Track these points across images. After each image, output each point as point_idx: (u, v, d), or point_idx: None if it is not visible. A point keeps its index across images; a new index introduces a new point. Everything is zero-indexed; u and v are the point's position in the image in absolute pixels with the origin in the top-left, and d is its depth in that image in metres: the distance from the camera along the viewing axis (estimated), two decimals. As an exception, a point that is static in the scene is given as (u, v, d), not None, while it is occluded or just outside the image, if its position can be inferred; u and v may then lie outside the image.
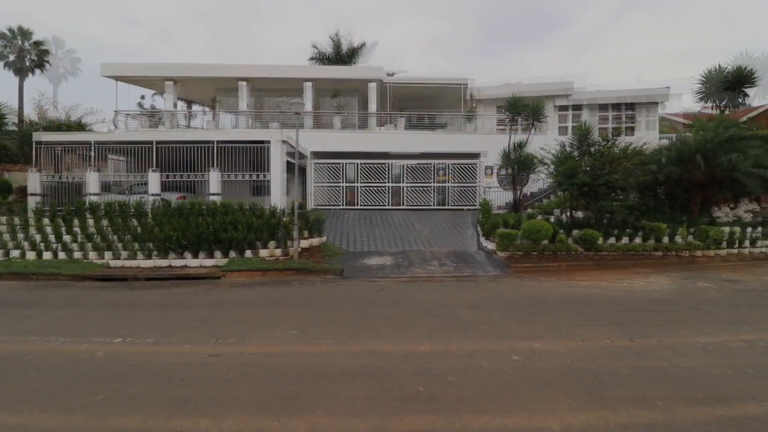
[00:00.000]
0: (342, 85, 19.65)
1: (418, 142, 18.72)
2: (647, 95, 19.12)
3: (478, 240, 13.28)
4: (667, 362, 4.18)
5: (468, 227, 14.86)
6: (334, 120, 19.02)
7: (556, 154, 13.72)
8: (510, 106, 15.84)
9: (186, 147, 13.51)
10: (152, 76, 19.38)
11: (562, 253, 11.77)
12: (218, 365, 4.13)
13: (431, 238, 13.51)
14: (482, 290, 8.12)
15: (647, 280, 9.31)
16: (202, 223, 11.17)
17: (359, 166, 18.63)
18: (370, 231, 14.20)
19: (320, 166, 18.72)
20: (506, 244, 11.55)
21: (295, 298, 7.55)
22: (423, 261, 11.12)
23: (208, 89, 20.81)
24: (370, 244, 12.77)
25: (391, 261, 11.11)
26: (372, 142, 18.65)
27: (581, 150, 13.31)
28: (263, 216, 11.61)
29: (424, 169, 18.73)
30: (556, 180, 12.29)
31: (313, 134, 18.48)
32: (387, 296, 7.56)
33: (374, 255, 11.70)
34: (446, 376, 3.78)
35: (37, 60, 29.79)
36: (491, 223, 12.31)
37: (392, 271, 10.25)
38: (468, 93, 20.13)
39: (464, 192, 18.76)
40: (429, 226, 14.89)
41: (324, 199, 18.76)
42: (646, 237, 12.38)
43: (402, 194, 18.76)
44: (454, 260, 11.22)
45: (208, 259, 10.98)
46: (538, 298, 7.40)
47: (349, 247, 12.50)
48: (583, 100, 19.85)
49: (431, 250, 12.21)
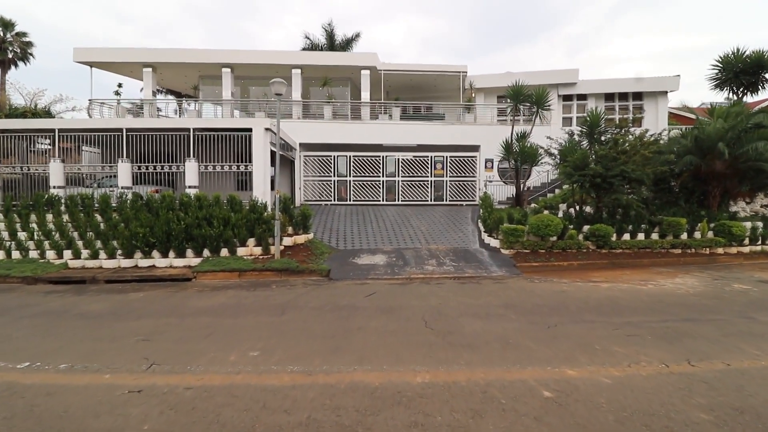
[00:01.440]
0: (333, 72, 18.43)
1: (413, 134, 17.57)
2: (657, 84, 18.07)
3: (480, 236, 12.16)
4: (754, 398, 3.06)
5: (468, 223, 13.74)
6: (324, 110, 17.81)
7: (564, 143, 12.64)
8: (512, 94, 14.71)
9: (161, 136, 12.26)
10: (129, 62, 18.05)
11: (573, 250, 10.69)
12: (135, 407, 2.96)
13: (429, 234, 12.38)
14: (488, 294, 6.99)
15: (673, 280, 8.23)
16: (173, 218, 9.94)
17: (351, 159, 17.46)
18: (362, 227, 13.04)
19: (310, 159, 17.53)
20: (512, 241, 10.43)
21: (269, 304, 6.38)
22: (420, 260, 9.98)
23: (190, 77, 19.50)
24: (362, 242, 11.61)
25: (384, 260, 9.96)
26: (365, 133, 17.48)
27: (591, 139, 12.22)
28: (242, 211, 10.41)
29: (421, 162, 17.61)
30: (564, 172, 11.19)
31: (301, 125, 17.27)
32: (377, 302, 6.41)
33: (366, 253, 10.55)
34: (453, 429, 2.63)
35: (20, 52, 28.36)
36: (495, 218, 11.19)
37: (385, 271, 9.10)
38: (467, 82, 18.98)
39: (463, 186, 17.65)
40: (426, 222, 13.76)
41: (314, 194, 17.58)
42: (663, 233, 11.32)
43: (397, 189, 17.61)
44: (454, 259, 10.09)
45: (178, 258, 9.77)
46: (556, 303, 6.28)
47: (339, 244, 11.33)
48: (588, 90, 18.77)
49: (429, 248, 11.07)
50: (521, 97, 14.65)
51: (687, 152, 11.62)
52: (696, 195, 12.83)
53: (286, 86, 9.57)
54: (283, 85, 9.39)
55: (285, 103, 18.22)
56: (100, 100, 17.74)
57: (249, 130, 12.19)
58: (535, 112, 14.72)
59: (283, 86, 9.40)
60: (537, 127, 15.33)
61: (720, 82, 13.66)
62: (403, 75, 18.83)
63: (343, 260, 9.92)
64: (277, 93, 9.46)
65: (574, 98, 19.12)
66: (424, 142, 17.59)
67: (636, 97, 18.83)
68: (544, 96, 14.30)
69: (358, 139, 17.42)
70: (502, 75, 18.48)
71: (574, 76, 18.29)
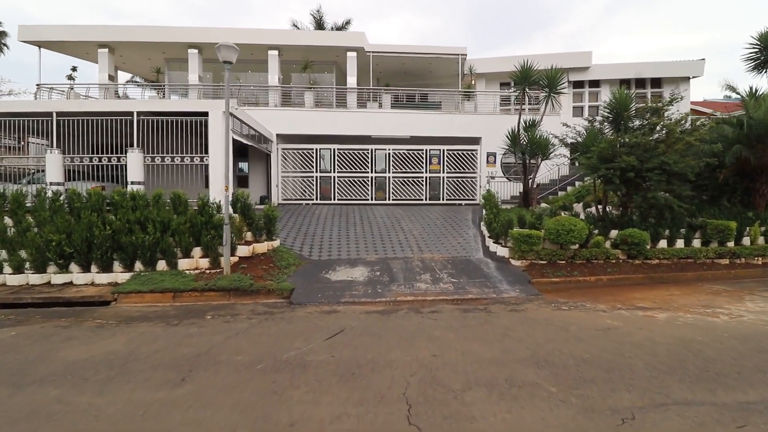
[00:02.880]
0: (315, 54, 16.30)
1: (406, 125, 15.51)
2: (679, 68, 16.11)
3: (484, 243, 10.12)
4: None
5: (469, 226, 11.69)
6: (305, 97, 15.69)
7: (585, 129, 10.63)
8: (520, 77, 12.67)
9: (101, 122, 10.12)
10: (82, 41, 15.82)
11: (599, 261, 8.68)
12: None
13: (422, 240, 10.32)
14: (505, 336, 4.94)
15: (745, 306, 6.22)
16: (97, 222, 7.80)
17: (336, 153, 15.37)
18: (344, 231, 10.95)
19: (289, 153, 15.42)
20: (525, 250, 8.39)
21: (176, 357, 4.27)
22: (410, 274, 7.91)
23: (156, 60, 17.29)
24: (342, 250, 9.53)
25: (365, 274, 7.88)
26: (351, 123, 15.39)
27: (617, 126, 10.21)
28: (187, 212, 8.28)
29: (414, 156, 15.55)
30: (588, 164, 9.17)
31: (279, 114, 15.15)
32: (341, 354, 4.33)
33: (344, 265, 8.47)
34: None
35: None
36: (503, 221, 9.15)
37: (365, 291, 7.02)
38: (466, 67, 16.92)
39: (462, 183, 15.61)
40: (420, 225, 11.69)
41: (294, 192, 15.47)
42: (707, 239, 9.34)
43: (387, 186, 15.54)
44: (453, 272, 8.03)
45: (103, 273, 7.62)
46: (609, 355, 4.24)
47: (313, 253, 9.25)
48: (602, 75, 16.77)
49: (422, 257, 9.01)
50: (530, 79, 12.61)
51: (735, 141, 9.63)
52: (738, 193, 10.86)
53: (236, 51, 7.48)
54: (233, 50, 7.30)
55: (260, 89, 16.10)
56: (48, 85, 15.52)
57: (205, 115, 10.06)
58: (546, 97, 12.69)
59: (233, 52, 7.31)
60: (545, 116, 13.31)
61: (760, 62, 11.69)
62: (395, 58, 16.72)
63: (313, 275, 7.83)
64: (226, 61, 7.37)
65: (586, 85, 17.14)
66: (419, 134, 15.54)
67: (655, 83, 16.88)
68: (557, 78, 12.28)
69: (344, 129, 15.34)
70: (506, 59, 16.44)
71: (586, 60, 16.30)
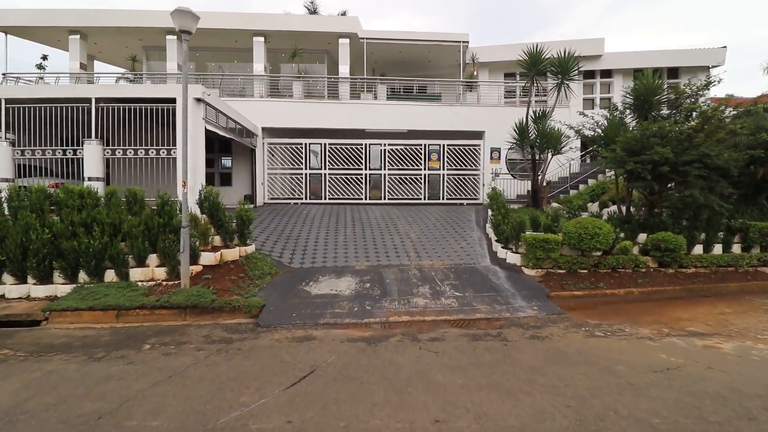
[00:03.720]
0: (305, 42, 15.05)
1: (403, 117, 14.28)
2: (699, 57, 14.91)
3: (490, 248, 8.89)
4: None
5: (472, 228, 10.46)
6: (293, 87, 14.44)
7: (605, 119, 9.42)
8: (528, 64, 11.44)
9: (61, 111, 8.90)
10: (52, 26, 14.54)
11: (627, 269, 7.45)
12: None
13: (421, 244, 9.08)
14: (530, 378, 3.70)
15: (820, 330, 5.00)
16: (35, 224, 6.54)
17: (327, 148, 14.14)
18: (331, 234, 9.71)
19: (275, 148, 14.17)
20: (540, 257, 7.16)
21: (68, 418, 3.01)
22: (406, 286, 6.67)
23: (133, 47, 16.00)
24: (328, 256, 8.28)
25: (353, 287, 6.62)
26: (344, 116, 14.16)
27: (641, 113, 9.00)
28: (143, 213, 7.01)
29: (412, 151, 14.32)
30: (611, 158, 7.94)
31: (265, 105, 13.90)
32: (303, 416, 3.09)
33: (329, 275, 7.22)
34: None
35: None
36: (514, 223, 7.90)
37: (350, 309, 5.77)
38: (468, 55, 15.69)
39: (463, 181, 14.39)
40: (418, 227, 10.46)
41: (281, 190, 14.23)
42: (748, 244, 8.12)
43: (383, 185, 14.31)
44: (457, 284, 6.79)
45: (41, 285, 6.37)
46: (684, 415, 3.01)
47: (294, 260, 7.99)
48: (614, 64, 15.56)
49: (420, 265, 7.77)
50: (540, 65, 11.38)
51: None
52: (776, 191, 9.64)
53: (196, 20, 6.23)
54: (190, 17, 6.05)
55: (245, 79, 14.85)
56: (15, 75, 14.24)
57: (172, 101, 8.81)
58: (557, 85, 11.45)
59: (190, 19, 6.07)
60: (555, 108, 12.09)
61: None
62: (391, 46, 15.47)
63: (290, 287, 6.57)
64: (183, 30, 6.12)
65: (597, 75, 15.92)
66: (417, 128, 14.31)
67: (671, 74, 15.66)
68: (570, 63, 11.04)
69: (336, 122, 14.11)
70: (511, 46, 15.20)
71: (598, 47, 15.07)
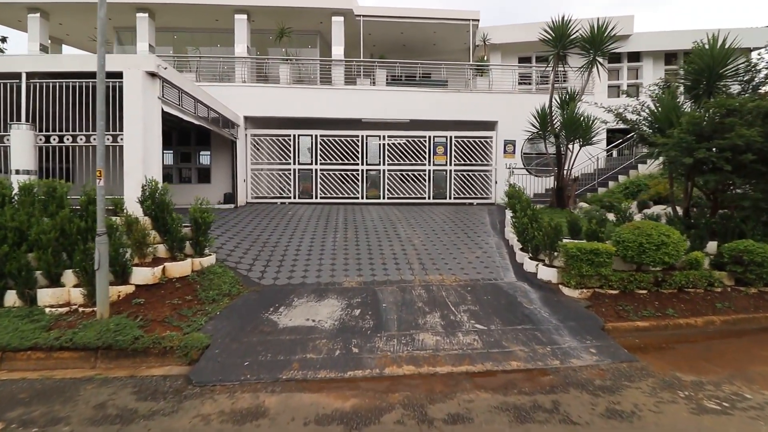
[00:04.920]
0: (294, 20, 13.33)
1: (405, 106, 12.55)
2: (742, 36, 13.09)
3: (513, 257, 7.15)
4: None
5: (488, 233, 8.72)
6: (280, 71, 12.72)
7: (653, 100, 7.70)
8: (554, 38, 9.68)
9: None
10: (8, 3, 12.86)
11: (697, 289, 5.69)
12: None
13: (426, 253, 7.34)
14: None
15: None
16: None
17: (319, 140, 12.43)
18: (319, 241, 7.98)
19: (260, 140, 12.47)
20: (586, 273, 5.40)
21: None
22: (409, 314, 4.93)
23: (103, 30, 14.29)
24: (310, 269, 6.54)
25: (337, 314, 4.88)
26: (338, 103, 12.43)
27: (701, 94, 7.25)
28: (60, 215, 5.27)
29: (415, 144, 12.60)
30: (673, 145, 6.17)
31: (247, 92, 12.19)
32: None
33: (308, 296, 5.48)
34: None
35: None
36: (547, 228, 6.14)
37: (330, 352, 4.02)
38: (478, 36, 13.95)
39: (473, 178, 12.66)
40: (422, 231, 8.72)
41: (268, 188, 12.52)
42: None
43: (382, 182, 12.59)
44: (477, 311, 5.04)
45: None
46: None
47: (266, 275, 6.26)
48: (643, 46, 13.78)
49: (427, 281, 6.02)
50: (566, 40, 9.62)
51: None
52: None
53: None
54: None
55: (225, 62, 13.13)
56: (-33, 57, 12.55)
57: (119, 76, 7.08)
58: (588, 63, 9.69)
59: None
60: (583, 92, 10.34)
61: None
62: (391, 26, 13.75)
63: (252, 316, 4.83)
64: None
65: (624, 59, 14.14)
66: (420, 117, 12.57)
67: (708, 57, 13.86)
68: (604, 35, 9.28)
69: (329, 111, 12.39)
70: (527, 26, 13.47)
71: (627, 26, 13.28)
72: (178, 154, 12.78)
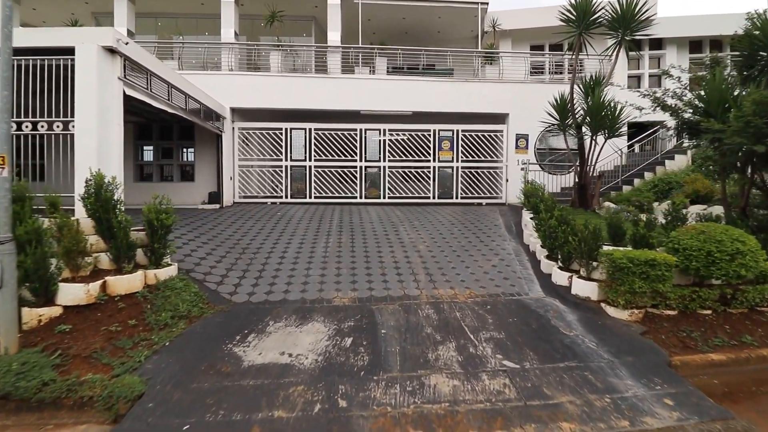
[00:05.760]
0: (285, 4, 12.25)
1: (408, 96, 11.45)
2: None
3: (536, 266, 6.02)
4: None
5: (502, 236, 7.60)
6: (271, 59, 11.63)
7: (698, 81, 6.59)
8: (576, 17, 8.57)
9: None
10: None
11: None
12: None
13: (434, 261, 6.21)
14: None
15: None
16: None
17: (313, 134, 11.33)
18: (308, 246, 6.86)
19: (249, 134, 11.39)
20: (639, 290, 4.27)
21: None
22: (415, 344, 3.80)
23: (81, 16, 13.25)
24: (294, 281, 5.42)
25: (322, 346, 3.76)
26: (334, 94, 11.33)
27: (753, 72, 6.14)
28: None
29: (418, 139, 11.49)
30: (736, 133, 5.04)
31: (235, 80, 11.10)
32: None
33: (287, 318, 4.36)
34: None
35: None
36: (583, 233, 5.00)
37: (306, 408, 2.88)
38: (487, 22, 12.85)
39: (482, 176, 11.55)
40: (428, 234, 7.60)
41: (256, 186, 11.43)
42: None
43: (382, 180, 11.48)
44: (503, 339, 3.91)
45: None
46: None
47: (240, 289, 5.14)
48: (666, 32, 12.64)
49: (436, 298, 4.89)
50: (590, 19, 8.52)
51: None
52: None
53: None
54: None
55: (211, 48, 12.04)
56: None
57: (71, 53, 5.98)
58: (616, 44, 8.58)
59: None
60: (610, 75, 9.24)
61: None
62: (392, 9, 12.65)
63: (210, 348, 3.70)
64: None
65: (645, 46, 13.01)
66: (424, 109, 11.47)
67: (738, 44, 12.72)
68: (635, 10, 8.18)
69: (324, 102, 11.29)
70: (541, 10, 12.37)
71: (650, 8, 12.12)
72: (159, 149, 11.67)
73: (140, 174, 11.67)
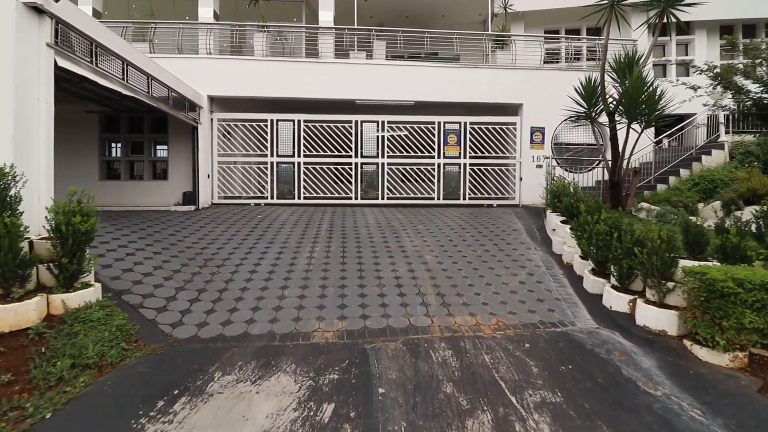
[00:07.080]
0: (274, -17, 10.98)
1: (409, 84, 10.15)
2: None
3: (575, 283, 4.69)
4: None
5: (525, 243, 6.28)
6: (254, 41, 10.33)
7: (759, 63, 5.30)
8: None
9: None
10: None
11: None
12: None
13: (446, 276, 4.88)
14: None
15: None
16: None
17: (302, 127, 10.03)
18: (287, 257, 5.52)
19: (229, 126, 10.07)
20: (740, 326, 2.95)
21: None
22: (429, 418, 2.44)
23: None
24: (263, 307, 4.08)
25: (284, 426, 2.42)
26: (326, 81, 10.02)
27: None
28: None
29: (421, 132, 10.20)
30: None
31: (212, 65, 9.79)
32: None
33: (241, 367, 3.02)
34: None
35: None
36: (653, 243, 3.69)
37: None
38: (498, 2, 11.60)
39: (493, 174, 10.26)
40: (434, 242, 6.27)
41: (239, 186, 10.11)
42: None
43: (380, 179, 10.17)
44: (563, 405, 2.56)
45: None
46: None
47: (187, 319, 3.79)
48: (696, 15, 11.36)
49: (453, 331, 3.55)
50: (624, -12, 7.25)
51: None
52: None
53: None
54: None
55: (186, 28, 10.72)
56: None
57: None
58: (657, 15, 7.32)
59: None
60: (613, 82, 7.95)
61: None
62: (392, -11, 11.37)
63: (109, 429, 2.37)
64: None
65: (672, 31, 11.75)
66: (428, 98, 10.16)
67: (774, 29, 11.53)
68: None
69: (315, 90, 9.98)
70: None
71: (680, -12, 10.89)
72: (129, 144, 10.33)
73: (107, 171, 10.31)
